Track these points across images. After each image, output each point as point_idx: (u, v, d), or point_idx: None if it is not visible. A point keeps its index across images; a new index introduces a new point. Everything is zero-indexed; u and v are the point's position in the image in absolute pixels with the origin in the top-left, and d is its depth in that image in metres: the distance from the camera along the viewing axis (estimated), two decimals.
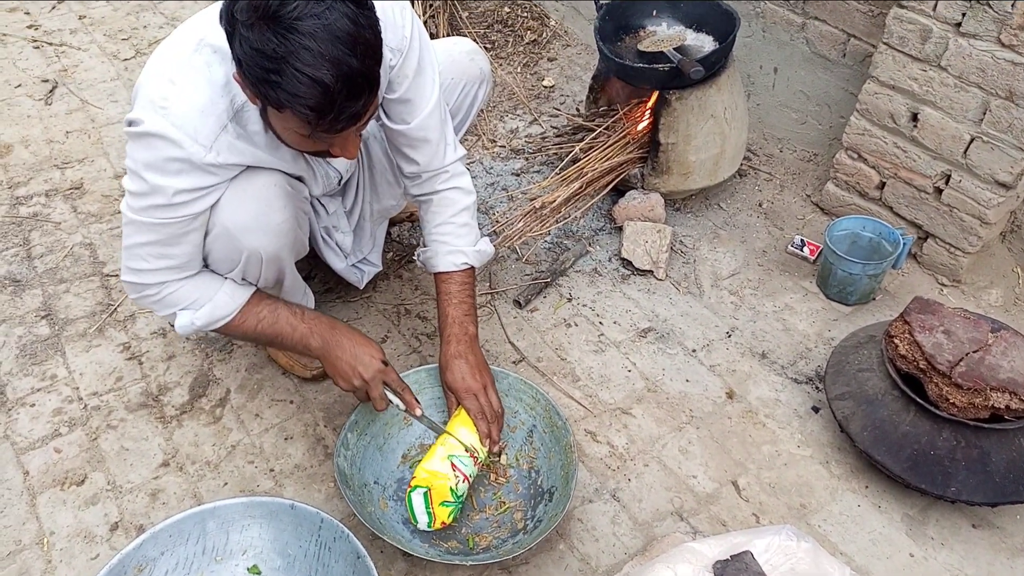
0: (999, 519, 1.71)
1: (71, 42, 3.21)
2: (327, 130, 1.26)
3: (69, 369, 1.97)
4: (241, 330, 1.61)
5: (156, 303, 1.55)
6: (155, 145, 1.34)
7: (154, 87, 1.35)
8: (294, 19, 1.14)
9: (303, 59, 1.15)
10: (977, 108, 1.97)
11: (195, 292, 1.54)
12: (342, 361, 1.60)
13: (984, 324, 1.74)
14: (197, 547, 1.49)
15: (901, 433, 1.69)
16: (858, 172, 2.31)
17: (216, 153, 1.37)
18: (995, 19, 1.84)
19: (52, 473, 1.75)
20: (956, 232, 2.15)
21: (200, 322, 1.55)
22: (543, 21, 3.32)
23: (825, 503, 1.74)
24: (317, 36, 1.15)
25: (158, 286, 1.52)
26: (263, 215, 1.51)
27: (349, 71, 1.18)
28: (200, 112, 1.34)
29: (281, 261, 1.65)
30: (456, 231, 1.75)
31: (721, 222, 2.45)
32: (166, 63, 1.37)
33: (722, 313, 2.17)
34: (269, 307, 1.61)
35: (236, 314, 1.57)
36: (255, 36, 1.16)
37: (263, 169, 1.49)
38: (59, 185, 2.52)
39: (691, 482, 1.78)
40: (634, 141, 2.40)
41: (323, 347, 1.61)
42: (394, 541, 1.50)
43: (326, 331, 1.61)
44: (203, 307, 1.54)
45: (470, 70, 1.90)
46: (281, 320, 1.61)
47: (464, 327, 1.71)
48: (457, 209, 1.75)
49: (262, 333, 1.61)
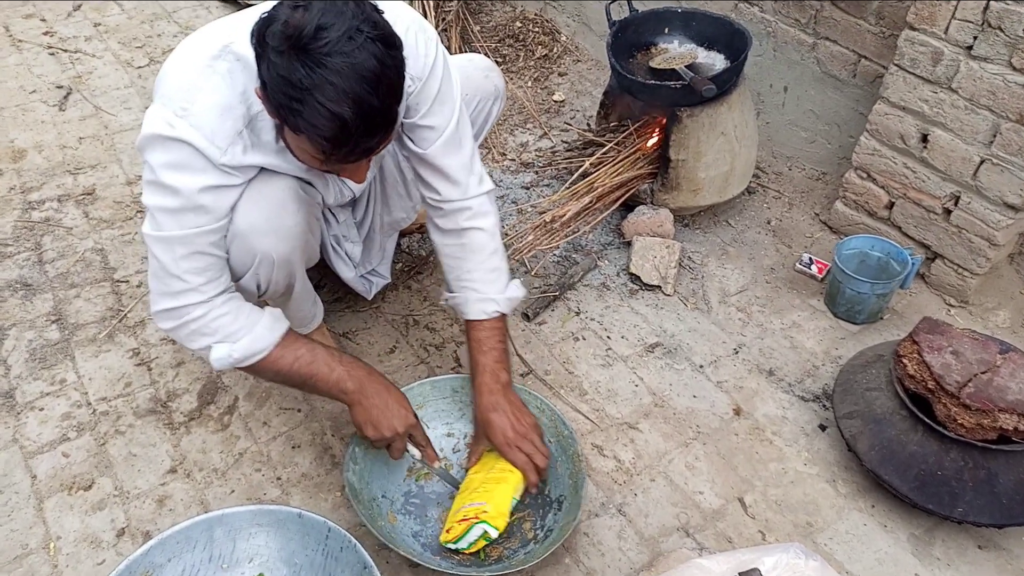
0: (1006, 541, 1.71)
1: (86, 49, 3.24)
2: (340, 160, 1.30)
3: (78, 374, 1.98)
4: (276, 367, 1.55)
5: (195, 332, 1.48)
6: (173, 148, 1.35)
7: (175, 88, 1.36)
8: (324, 55, 1.17)
9: (326, 94, 1.18)
10: (987, 130, 1.98)
11: (234, 322, 1.49)
12: (376, 409, 1.58)
13: (993, 345, 1.74)
14: (204, 554, 1.49)
15: (909, 453, 1.69)
16: (867, 192, 2.32)
17: (231, 155, 1.39)
18: (1007, 43, 1.85)
19: (60, 478, 1.75)
20: (965, 253, 2.15)
21: (238, 354, 1.49)
22: (554, 36, 3.35)
23: (831, 521, 1.74)
24: (343, 73, 1.18)
25: (204, 306, 1.47)
26: (276, 217, 1.52)
27: (369, 109, 1.22)
28: (219, 115, 1.36)
29: (292, 265, 1.66)
30: (485, 277, 1.71)
31: (730, 239, 2.46)
32: (189, 64, 1.38)
33: (730, 329, 2.18)
34: (307, 346, 1.57)
35: (275, 348, 1.53)
36: (283, 63, 1.18)
37: (277, 173, 1.51)
38: (72, 191, 2.54)
39: (697, 498, 1.78)
40: (644, 157, 2.41)
41: (358, 392, 1.58)
42: (408, 554, 1.50)
43: (363, 376, 1.59)
44: (242, 339, 1.49)
45: (485, 86, 1.92)
46: (319, 360, 1.56)
47: (495, 375, 1.68)
48: (486, 254, 1.71)
49: (297, 372, 1.56)
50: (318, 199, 1.71)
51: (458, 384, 1.81)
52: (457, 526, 1.58)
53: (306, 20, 1.17)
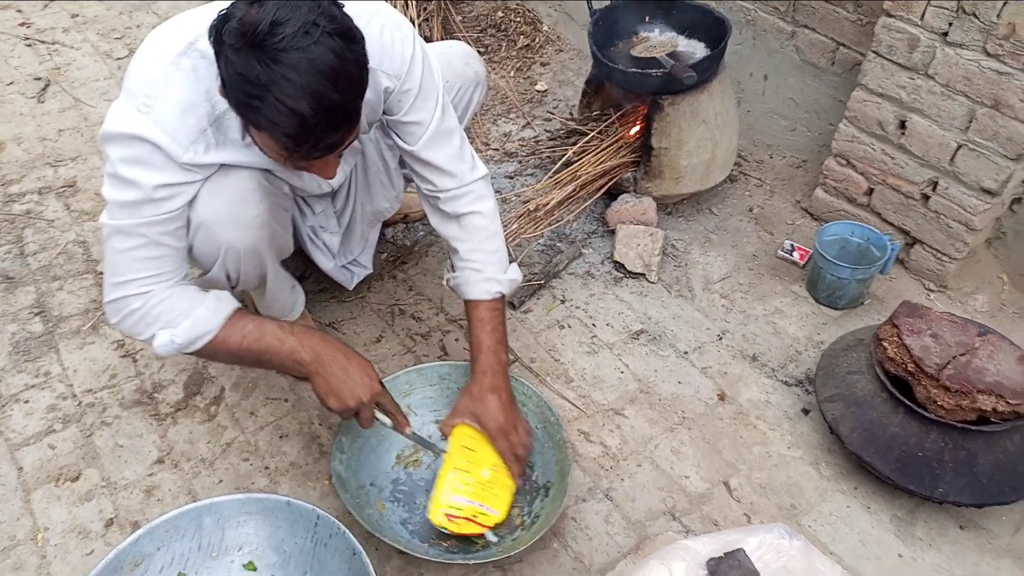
0: (985, 520, 1.74)
1: (64, 40, 3.21)
2: (304, 157, 1.29)
3: (63, 366, 1.97)
4: (225, 348, 1.51)
5: (138, 321, 1.47)
6: (134, 144, 1.35)
7: (141, 83, 1.35)
8: (279, 50, 1.16)
9: (284, 90, 1.17)
10: (963, 116, 2.00)
11: (177, 307, 1.47)
12: (335, 379, 1.51)
13: (971, 328, 1.77)
14: (193, 543, 1.49)
15: (890, 435, 1.72)
16: (847, 178, 2.34)
17: (192, 153, 1.38)
18: (981, 29, 1.88)
19: (46, 469, 1.75)
20: (943, 238, 2.18)
21: (180, 339, 1.46)
22: (536, 26, 3.35)
23: (815, 504, 1.77)
24: (300, 69, 1.17)
25: (143, 297, 1.45)
26: (237, 208, 1.51)
27: (329, 104, 1.21)
28: (182, 113, 1.35)
29: (261, 255, 1.65)
30: (487, 258, 1.71)
31: (712, 226, 2.48)
32: (155, 60, 1.37)
33: (713, 316, 2.20)
34: (255, 322, 1.53)
35: (219, 330, 1.48)
36: (240, 61, 1.18)
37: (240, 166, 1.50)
38: (52, 183, 2.52)
39: (683, 482, 1.80)
40: (627, 145, 2.42)
41: (315, 362, 1.51)
42: (394, 542, 1.51)
43: (318, 344, 1.52)
44: (182, 324, 1.46)
45: (466, 73, 1.92)
46: (268, 334, 1.51)
47: (498, 356, 1.68)
48: (486, 235, 1.71)
49: (248, 349, 1.51)
50: (284, 189, 1.70)
51: (445, 371, 1.82)
52: (466, 524, 1.57)
53: (261, 16, 1.16)
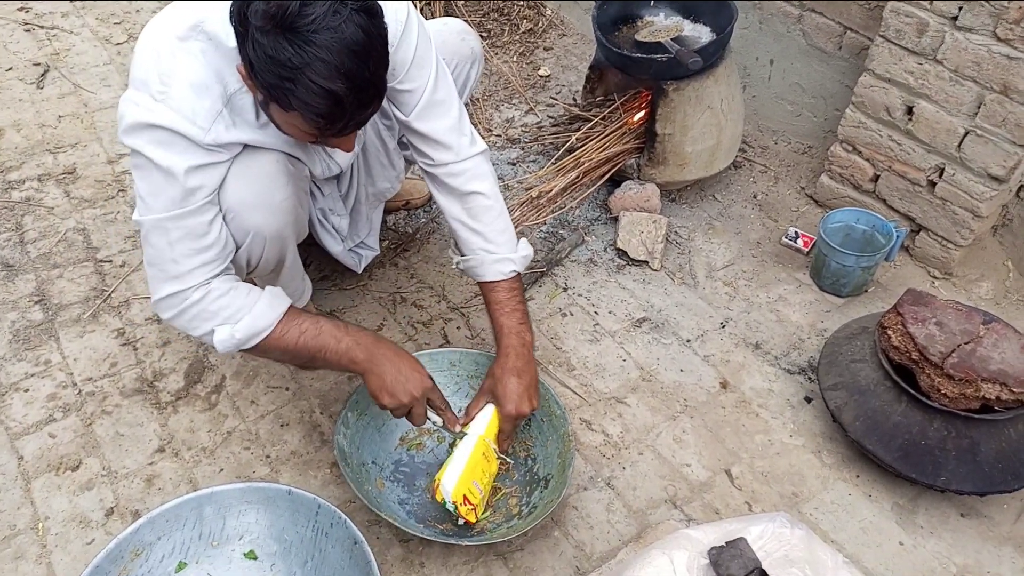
0: (987, 508, 1.73)
1: (63, 25, 3.18)
2: (335, 134, 1.30)
3: (63, 354, 1.96)
4: (282, 344, 1.51)
5: (195, 317, 1.46)
6: (156, 132, 1.34)
7: (150, 72, 1.34)
8: (312, 31, 1.16)
9: (318, 71, 1.18)
10: (972, 102, 1.98)
11: (236, 301, 1.47)
12: (390, 376, 1.53)
13: (976, 316, 1.75)
14: (194, 532, 1.49)
15: (893, 423, 1.71)
16: (852, 165, 2.32)
17: (215, 134, 1.37)
18: (991, 13, 1.85)
19: (47, 458, 1.75)
20: (948, 225, 2.16)
21: (241, 334, 1.46)
22: (539, 10, 3.32)
23: (817, 492, 1.76)
24: (332, 49, 1.17)
25: (201, 288, 1.44)
26: (266, 192, 1.51)
27: (361, 81, 1.22)
28: (196, 95, 1.34)
29: (284, 240, 1.65)
30: (497, 238, 1.68)
31: (716, 213, 2.46)
32: (160, 47, 1.35)
33: (716, 304, 2.19)
34: (311, 319, 1.54)
35: (277, 325, 1.49)
36: (270, 43, 1.17)
37: (264, 148, 1.49)
38: (52, 170, 2.50)
39: (685, 470, 1.80)
40: (631, 131, 2.40)
41: (369, 360, 1.53)
42: (391, 519, 1.50)
43: (372, 345, 1.55)
44: (243, 319, 1.46)
45: (461, 50, 1.90)
46: (325, 332, 1.52)
47: (521, 337, 1.66)
48: (493, 215, 1.69)
49: (304, 347, 1.52)
50: (306, 172, 1.70)
51: (456, 358, 1.81)
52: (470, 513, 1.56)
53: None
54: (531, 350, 1.67)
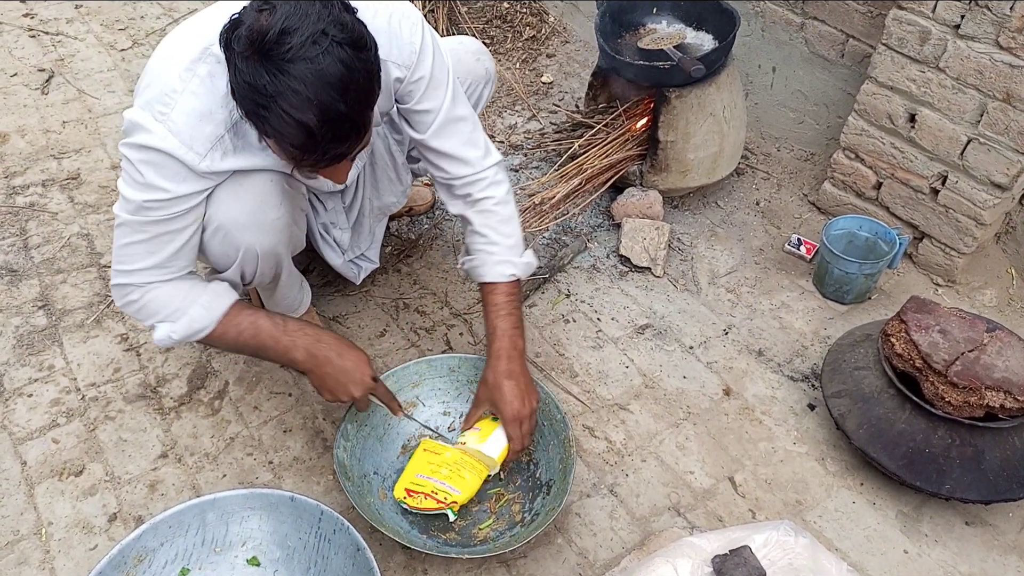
0: (992, 517, 1.73)
1: (67, 31, 3.19)
2: (310, 166, 1.28)
3: (67, 360, 1.96)
4: (223, 342, 1.57)
5: (139, 309, 1.50)
6: (153, 154, 1.35)
7: (156, 92, 1.34)
8: (286, 60, 1.15)
9: (290, 101, 1.16)
10: (974, 110, 1.98)
11: (175, 300, 1.49)
12: (330, 377, 1.56)
13: (980, 324, 1.75)
14: (197, 538, 1.49)
15: (896, 431, 1.70)
16: (855, 172, 2.32)
17: (210, 161, 1.38)
18: (993, 21, 1.86)
19: (50, 464, 1.75)
20: (952, 233, 2.16)
21: (178, 335, 1.50)
22: (542, 17, 3.33)
23: (820, 500, 1.76)
24: (307, 80, 1.15)
25: (142, 288, 1.47)
26: (259, 212, 1.51)
27: (336, 116, 1.19)
28: (198, 120, 1.34)
29: (278, 257, 1.65)
30: (502, 241, 1.69)
31: (719, 220, 2.46)
32: (170, 67, 1.36)
33: (719, 311, 2.19)
34: (250, 318, 1.55)
35: (217, 325, 1.52)
36: (248, 69, 1.16)
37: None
38: (56, 175, 2.51)
39: (688, 478, 1.79)
40: (633, 138, 2.41)
41: (308, 360, 1.56)
42: (392, 533, 1.51)
43: (311, 343, 1.55)
44: (180, 320, 1.50)
45: (476, 70, 1.90)
46: (263, 332, 1.54)
47: (513, 341, 1.66)
48: (502, 218, 1.70)
49: (245, 344, 1.56)
50: (303, 191, 1.70)
51: (455, 363, 1.81)
52: (425, 501, 1.59)
53: (270, 24, 1.14)
54: (523, 355, 1.68)
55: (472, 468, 1.66)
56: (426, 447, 1.68)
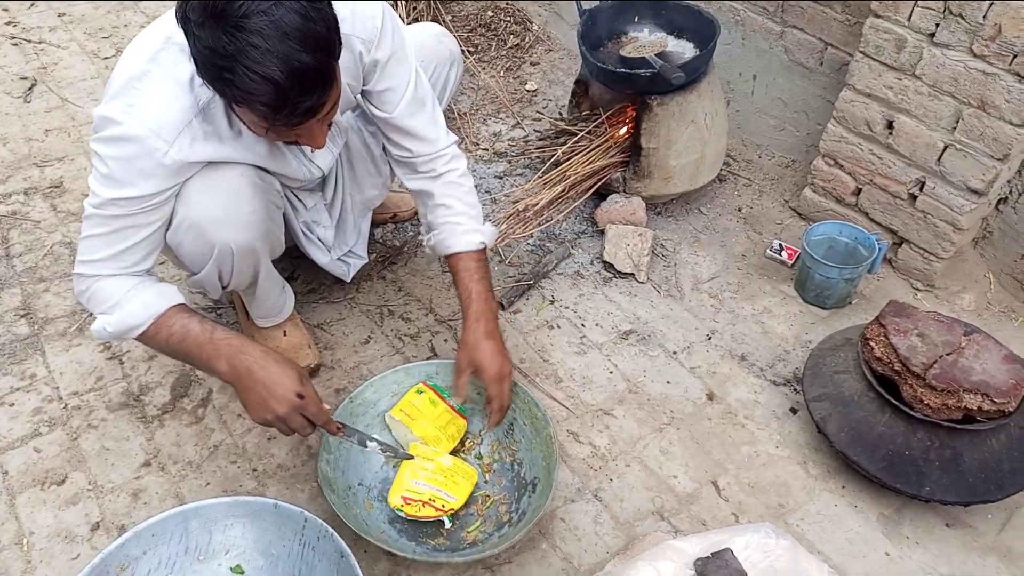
0: (971, 518, 1.75)
1: (50, 40, 3.18)
2: (284, 124, 1.27)
3: (49, 368, 1.95)
4: (154, 344, 1.52)
5: (87, 299, 1.50)
6: (121, 145, 1.36)
7: (122, 85, 1.36)
8: (241, 16, 1.15)
9: (252, 57, 1.16)
10: (950, 116, 2.01)
11: (116, 294, 1.47)
12: (252, 392, 1.44)
13: (957, 327, 1.77)
14: (180, 546, 1.48)
15: (876, 434, 1.72)
16: (835, 178, 2.35)
17: (178, 149, 1.38)
18: (967, 30, 1.88)
19: (32, 473, 1.74)
20: (930, 238, 2.19)
21: (111, 328, 1.47)
22: (526, 26, 3.35)
23: (803, 503, 1.77)
24: (264, 33, 1.15)
25: (92, 279, 1.47)
26: (232, 206, 1.51)
27: (300, 67, 1.19)
28: (164, 107, 1.35)
29: (255, 254, 1.65)
30: (467, 211, 1.74)
31: (701, 226, 2.48)
32: (135, 61, 1.38)
33: (702, 316, 2.20)
34: (182, 322, 1.48)
35: (151, 325, 1.47)
36: (206, 35, 1.17)
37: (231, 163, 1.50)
38: (38, 184, 2.50)
39: (672, 482, 1.80)
40: (616, 145, 2.42)
41: (230, 372, 1.45)
42: (381, 543, 1.50)
43: (234, 354, 1.44)
44: (115, 313, 1.47)
45: (439, 52, 1.92)
46: (189, 339, 1.46)
47: (488, 304, 1.70)
48: (464, 190, 1.75)
49: (174, 349, 1.50)
50: (277, 186, 1.70)
51: (432, 370, 1.82)
52: (424, 508, 1.60)
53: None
54: (496, 317, 1.72)
55: (464, 473, 1.67)
56: (419, 454, 1.68)
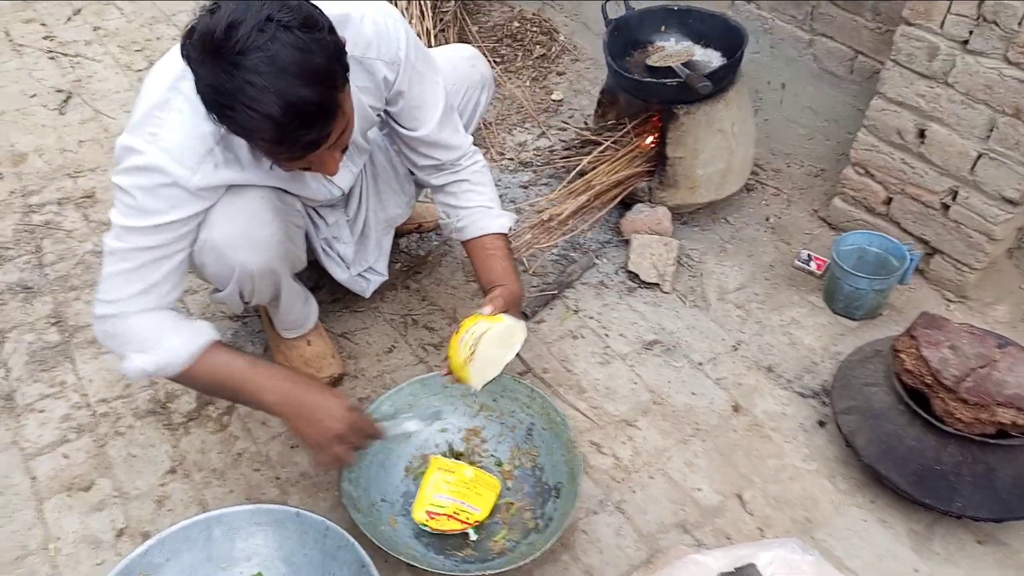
0: (1005, 535, 1.70)
1: (86, 53, 3.25)
2: (288, 158, 1.26)
3: (78, 376, 1.98)
4: (198, 382, 1.51)
5: (114, 338, 1.45)
6: (147, 175, 1.35)
7: (144, 114, 1.36)
8: (238, 53, 1.13)
9: (249, 95, 1.14)
10: (984, 125, 1.97)
11: (153, 330, 1.44)
12: (307, 419, 1.47)
13: (990, 340, 1.74)
14: (202, 554, 1.49)
15: (907, 447, 1.69)
16: (865, 187, 2.32)
17: (202, 176, 1.38)
18: (1002, 37, 1.85)
19: (59, 479, 1.76)
20: (963, 248, 2.15)
21: (151, 367, 1.43)
22: (552, 36, 3.35)
23: (830, 517, 1.74)
24: (260, 70, 1.13)
25: (120, 318, 1.42)
26: (251, 229, 1.52)
27: (298, 102, 1.17)
28: (185, 136, 1.35)
29: (276, 274, 1.66)
30: (494, 197, 1.81)
31: (728, 236, 2.46)
32: (156, 89, 1.37)
33: (728, 327, 2.18)
34: (224, 357, 1.48)
35: (191, 362, 1.45)
36: (206, 72, 1.16)
37: (250, 185, 1.50)
38: (71, 194, 2.55)
39: (696, 495, 1.78)
40: (642, 155, 2.41)
41: (281, 403, 1.47)
42: (411, 560, 1.50)
43: (282, 386, 1.47)
44: (154, 350, 1.43)
45: (471, 76, 1.93)
46: (235, 373, 1.47)
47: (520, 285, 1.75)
48: (489, 178, 1.81)
49: (219, 385, 1.50)
50: (298, 207, 1.71)
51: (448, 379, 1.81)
52: (448, 522, 1.59)
53: (216, 22, 1.14)
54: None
55: (487, 484, 1.66)
56: (440, 466, 1.67)
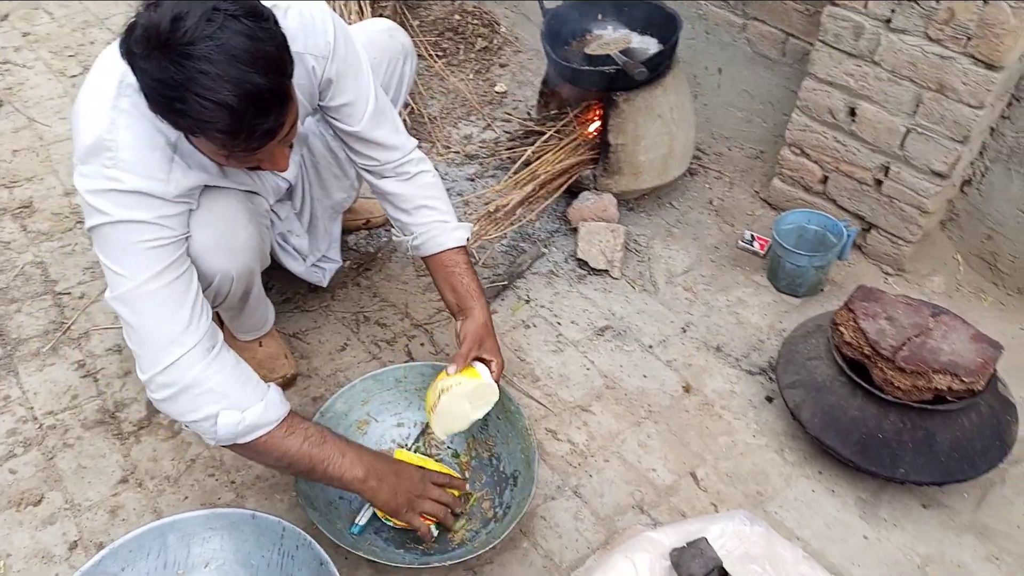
0: (947, 498, 1.77)
1: (15, 59, 3.16)
2: (244, 150, 1.24)
3: (23, 389, 1.94)
4: (283, 446, 1.42)
5: (194, 396, 1.35)
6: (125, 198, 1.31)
7: (93, 143, 1.30)
8: (187, 44, 1.11)
9: (202, 84, 1.12)
10: (910, 101, 2.03)
11: (233, 384, 1.38)
12: (397, 486, 1.53)
13: (924, 309, 1.79)
14: (158, 561, 1.48)
15: (850, 418, 1.74)
16: (802, 167, 2.37)
17: (175, 183, 1.35)
18: (922, 15, 1.91)
19: (7, 494, 1.73)
20: (897, 222, 2.21)
21: (250, 420, 1.37)
22: (493, 28, 3.35)
23: (781, 490, 1.79)
24: (212, 59, 1.12)
25: (171, 369, 1.33)
26: (229, 233, 1.50)
27: (253, 89, 1.15)
28: (145, 150, 1.31)
29: (251, 274, 1.66)
30: (449, 210, 1.75)
31: (673, 220, 2.49)
32: (95, 115, 1.31)
33: (677, 309, 2.21)
34: (316, 426, 1.48)
35: (283, 422, 1.42)
36: (152, 67, 1.13)
37: (222, 190, 1.48)
38: (7, 204, 2.48)
39: (651, 475, 1.81)
40: (585, 143, 2.44)
41: (370, 474, 1.49)
42: (370, 555, 1.51)
43: (370, 458, 1.52)
44: (252, 407, 1.37)
45: (391, 46, 1.91)
46: (328, 442, 1.46)
47: (484, 300, 1.73)
48: (440, 190, 1.76)
49: (306, 454, 1.43)
50: (264, 206, 1.70)
51: (400, 374, 1.82)
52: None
53: (160, 16, 1.11)
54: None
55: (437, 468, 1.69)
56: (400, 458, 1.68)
